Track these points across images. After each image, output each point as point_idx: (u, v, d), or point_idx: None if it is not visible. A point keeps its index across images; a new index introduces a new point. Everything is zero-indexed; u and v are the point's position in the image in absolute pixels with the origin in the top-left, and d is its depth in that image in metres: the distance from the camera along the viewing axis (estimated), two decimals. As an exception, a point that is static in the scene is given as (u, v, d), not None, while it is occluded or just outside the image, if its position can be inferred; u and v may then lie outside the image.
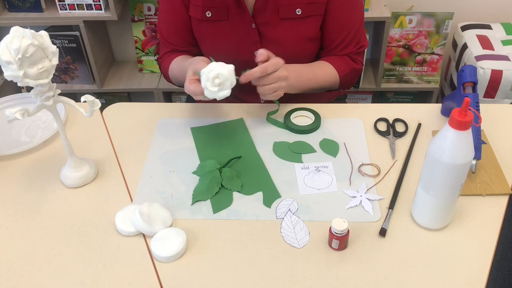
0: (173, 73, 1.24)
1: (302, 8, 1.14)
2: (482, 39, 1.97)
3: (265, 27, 1.16)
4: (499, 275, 0.82)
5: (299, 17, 1.15)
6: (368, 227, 0.90)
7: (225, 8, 1.14)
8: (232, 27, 1.17)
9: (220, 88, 0.95)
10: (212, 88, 0.95)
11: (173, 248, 0.85)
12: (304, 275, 0.82)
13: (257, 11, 1.14)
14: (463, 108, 0.73)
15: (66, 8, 1.97)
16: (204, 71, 0.94)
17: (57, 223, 0.93)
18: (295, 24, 1.16)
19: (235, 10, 1.14)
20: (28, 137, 1.15)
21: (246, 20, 1.15)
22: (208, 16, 1.16)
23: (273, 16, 1.15)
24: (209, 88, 0.95)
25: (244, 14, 1.14)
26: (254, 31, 1.16)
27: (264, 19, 1.15)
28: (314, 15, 1.16)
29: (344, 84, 1.26)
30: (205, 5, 1.15)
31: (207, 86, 0.95)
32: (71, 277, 0.83)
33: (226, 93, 0.96)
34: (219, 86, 0.95)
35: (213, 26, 1.17)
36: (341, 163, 1.04)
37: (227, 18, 1.16)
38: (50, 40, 0.84)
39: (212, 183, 0.98)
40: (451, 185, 0.81)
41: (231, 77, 0.95)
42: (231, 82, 0.96)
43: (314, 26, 1.18)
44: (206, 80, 0.95)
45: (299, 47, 1.19)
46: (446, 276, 0.82)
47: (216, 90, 0.95)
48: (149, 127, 1.16)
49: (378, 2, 2.02)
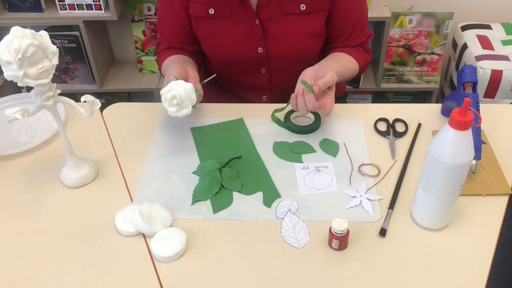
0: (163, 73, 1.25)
1: (306, 3, 1.13)
2: (482, 39, 1.97)
3: (269, 23, 1.16)
4: (499, 275, 0.82)
5: (303, 13, 1.14)
6: (368, 227, 0.90)
7: (228, 4, 1.14)
8: (236, 24, 1.16)
9: (179, 107, 0.97)
10: (170, 108, 0.97)
11: (173, 248, 0.85)
12: (304, 275, 0.82)
13: (260, 7, 1.14)
14: (463, 108, 0.73)
15: (66, 8, 1.97)
16: (163, 91, 0.97)
17: (57, 223, 0.93)
18: (299, 20, 1.15)
19: (238, 7, 1.14)
20: (28, 137, 1.15)
21: (250, 16, 1.15)
22: (211, 14, 1.16)
23: (277, 12, 1.14)
24: (167, 108, 0.97)
25: (247, 10, 1.14)
26: (258, 27, 1.16)
27: (267, 15, 1.15)
28: (319, 10, 1.15)
29: (358, 75, 1.27)
30: (208, 2, 1.15)
31: (166, 106, 0.97)
32: (71, 277, 0.83)
33: (186, 112, 0.97)
34: (177, 105, 0.96)
35: (216, 23, 1.17)
36: (341, 163, 1.04)
37: (230, 15, 1.15)
38: (50, 40, 0.84)
39: (212, 183, 0.98)
40: (451, 185, 0.81)
41: (189, 96, 0.96)
42: (190, 100, 0.97)
43: (319, 22, 1.17)
44: (164, 100, 0.97)
45: (303, 43, 1.18)
46: (446, 276, 0.82)
47: (175, 110, 0.97)
48: (149, 127, 1.16)
49: (378, 2, 2.02)
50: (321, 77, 1.01)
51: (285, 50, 1.17)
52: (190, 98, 0.96)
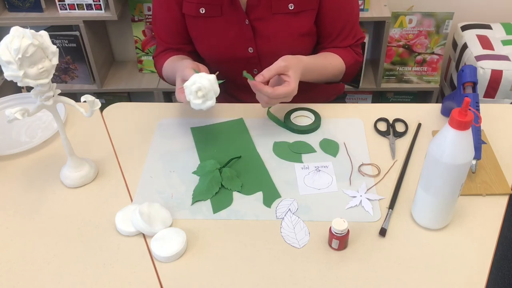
0: (167, 74, 1.25)
1: (294, 2, 1.13)
2: (482, 39, 1.97)
3: (258, 22, 1.16)
4: (499, 275, 0.82)
5: (292, 12, 1.14)
6: (368, 227, 0.90)
7: (218, 4, 1.15)
8: (226, 24, 1.17)
9: (204, 99, 0.97)
10: (195, 101, 0.97)
11: (173, 248, 0.85)
12: (304, 275, 0.82)
13: (250, 7, 1.14)
14: (463, 108, 0.73)
15: (66, 8, 1.97)
16: (187, 84, 0.96)
17: (57, 223, 0.93)
18: (288, 19, 1.15)
19: (229, 7, 1.15)
20: (28, 137, 1.15)
21: (240, 16, 1.15)
22: (202, 13, 1.16)
23: (266, 11, 1.15)
24: (193, 100, 0.97)
25: (237, 10, 1.15)
26: (248, 27, 1.16)
27: (257, 15, 1.15)
28: (307, 10, 1.16)
29: (347, 76, 1.26)
30: (199, 2, 1.15)
31: (191, 99, 0.97)
32: (71, 277, 0.83)
33: (210, 104, 0.97)
34: (202, 98, 0.96)
35: (207, 22, 1.18)
36: (341, 163, 1.04)
37: (221, 14, 1.16)
38: (50, 40, 0.84)
39: (212, 183, 0.98)
40: (451, 185, 0.81)
41: (213, 87, 0.96)
42: (214, 92, 0.97)
43: (308, 21, 1.17)
44: (189, 93, 0.97)
45: (293, 43, 1.19)
46: (446, 276, 0.82)
47: (200, 102, 0.97)
48: (149, 127, 1.16)
49: (378, 2, 2.02)
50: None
51: (275, 50, 1.17)
52: (214, 89, 0.96)
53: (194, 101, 0.97)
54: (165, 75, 1.26)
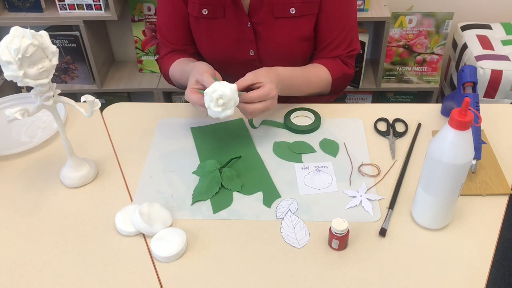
0: (174, 76, 1.24)
1: (296, 7, 1.14)
2: (482, 39, 1.97)
3: (260, 26, 1.16)
4: (499, 275, 0.82)
5: (293, 16, 1.15)
6: (368, 227, 0.90)
7: (221, 6, 1.15)
8: (228, 25, 1.17)
9: (224, 108, 0.95)
10: (215, 109, 0.95)
11: (173, 248, 0.85)
12: (304, 275, 0.82)
13: (252, 10, 1.15)
14: (463, 108, 0.73)
15: (66, 8, 1.97)
16: (208, 91, 0.95)
17: (57, 223, 0.93)
18: (289, 24, 1.16)
19: (231, 8, 1.15)
20: (28, 137, 1.15)
21: (242, 19, 1.15)
22: (204, 14, 1.16)
23: (268, 15, 1.15)
24: (212, 108, 0.95)
25: (240, 13, 1.15)
26: (250, 30, 1.16)
27: (259, 18, 1.15)
28: (308, 14, 1.16)
29: (335, 89, 1.25)
30: (201, 3, 1.15)
31: (211, 106, 0.95)
32: (71, 277, 0.83)
33: (229, 113, 0.96)
34: (222, 106, 0.95)
35: (209, 23, 1.17)
36: (341, 163, 1.04)
37: (223, 16, 1.16)
38: (50, 40, 0.84)
39: (212, 183, 0.98)
40: (451, 185, 0.81)
41: (234, 97, 0.95)
42: (234, 102, 0.96)
43: (308, 25, 1.17)
44: (209, 100, 0.95)
45: (294, 47, 1.19)
46: (446, 276, 0.82)
47: (220, 110, 0.95)
48: (149, 127, 1.16)
49: (378, 2, 2.02)
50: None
51: (276, 54, 1.17)
52: (235, 99, 0.96)
53: (214, 108, 0.95)
54: (173, 77, 1.25)
